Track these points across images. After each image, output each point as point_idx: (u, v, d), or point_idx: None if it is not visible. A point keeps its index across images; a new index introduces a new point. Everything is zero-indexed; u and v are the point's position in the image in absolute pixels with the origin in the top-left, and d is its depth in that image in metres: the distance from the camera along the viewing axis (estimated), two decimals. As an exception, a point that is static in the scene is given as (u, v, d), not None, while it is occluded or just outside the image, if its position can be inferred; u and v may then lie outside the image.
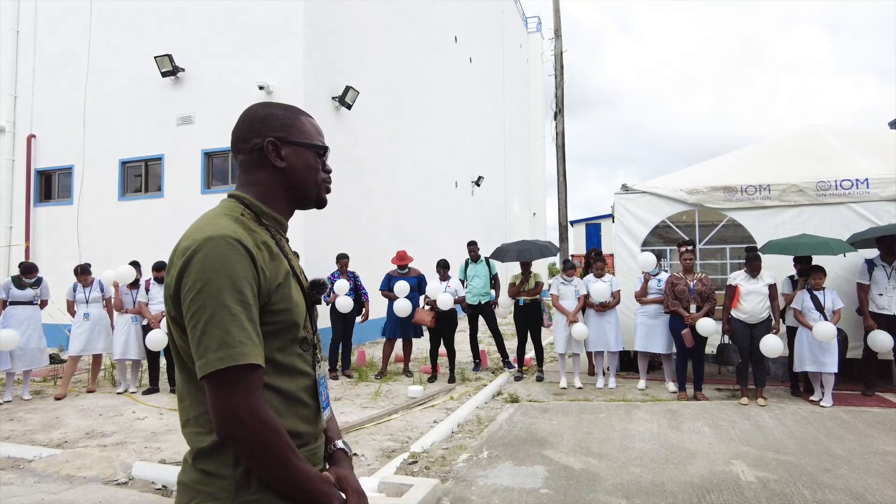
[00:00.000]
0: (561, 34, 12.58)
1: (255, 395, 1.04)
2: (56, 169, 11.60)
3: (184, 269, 1.07)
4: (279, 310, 1.14)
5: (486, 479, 4.00)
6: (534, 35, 31.08)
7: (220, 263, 1.05)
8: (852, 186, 6.82)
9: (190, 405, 1.14)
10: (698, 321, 6.16)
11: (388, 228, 12.38)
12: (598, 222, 33.37)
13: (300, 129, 1.27)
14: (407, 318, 7.61)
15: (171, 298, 1.10)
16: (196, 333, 1.04)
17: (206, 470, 1.10)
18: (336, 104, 10.56)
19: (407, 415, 5.84)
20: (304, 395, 1.20)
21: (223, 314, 1.03)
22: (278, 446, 1.05)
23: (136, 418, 5.82)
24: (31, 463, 4.43)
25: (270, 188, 1.25)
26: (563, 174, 12.44)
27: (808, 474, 4.01)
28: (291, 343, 1.18)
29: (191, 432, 1.13)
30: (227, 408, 1.02)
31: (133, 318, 6.99)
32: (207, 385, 1.03)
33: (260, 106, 1.29)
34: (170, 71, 10.18)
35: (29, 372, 6.89)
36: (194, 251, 1.06)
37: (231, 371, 1.02)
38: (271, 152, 1.23)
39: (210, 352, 1.02)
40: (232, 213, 1.17)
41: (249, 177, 1.26)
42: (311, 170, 1.28)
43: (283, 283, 1.16)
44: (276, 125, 1.25)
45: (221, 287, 1.04)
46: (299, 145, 1.26)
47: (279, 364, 1.15)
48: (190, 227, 1.14)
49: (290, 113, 1.28)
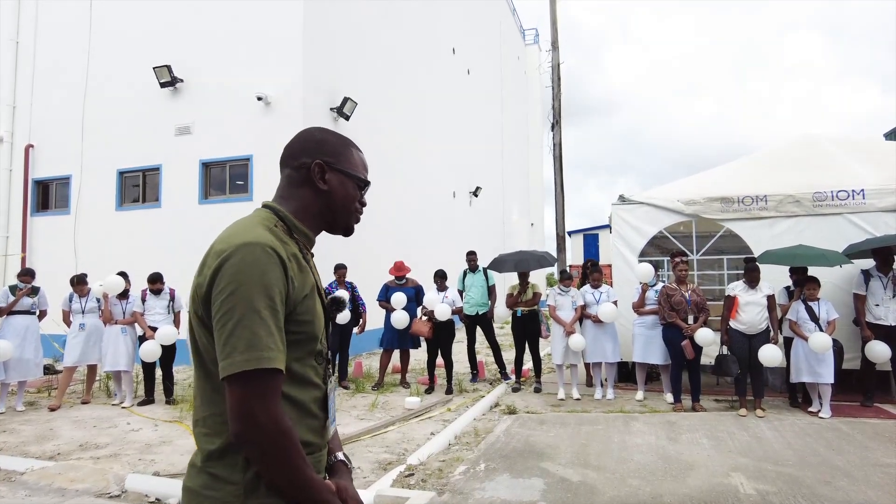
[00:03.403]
0: (558, 46, 12.66)
1: (275, 400, 1.07)
2: (54, 179, 11.60)
3: (218, 270, 1.10)
4: (303, 321, 1.18)
5: (483, 491, 3.97)
6: (531, 47, 31.31)
7: (255, 269, 1.09)
8: (848, 197, 6.84)
9: (201, 405, 1.17)
10: (697, 332, 6.15)
11: (385, 239, 12.37)
12: (596, 233, 33.44)
13: (349, 159, 1.34)
14: (404, 329, 7.58)
15: (200, 298, 1.14)
16: (224, 334, 1.06)
17: (216, 474, 1.12)
18: (334, 115, 10.59)
19: (404, 426, 5.80)
20: (315, 407, 1.23)
21: (253, 317, 1.06)
22: (291, 453, 1.07)
23: (131, 430, 5.77)
24: (22, 475, 4.38)
25: (307, 206, 1.31)
26: (560, 185, 12.47)
27: (808, 487, 3.98)
28: (308, 355, 1.21)
29: (200, 433, 1.16)
30: (247, 410, 1.04)
31: (122, 329, 6.94)
32: (228, 386, 1.05)
33: (317, 130, 1.37)
34: (168, 81, 10.22)
35: (24, 383, 6.84)
36: (230, 254, 1.10)
37: (255, 374, 1.04)
38: (317, 174, 1.29)
39: (237, 353, 1.04)
40: (266, 223, 1.21)
41: (290, 191, 1.31)
42: (349, 198, 1.34)
43: (309, 295, 1.20)
44: (327, 150, 1.32)
45: (254, 291, 1.07)
46: (344, 174, 1.32)
47: (294, 374, 1.17)
48: (225, 232, 1.18)
49: (343, 142, 1.36)
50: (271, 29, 9.94)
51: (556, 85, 12.37)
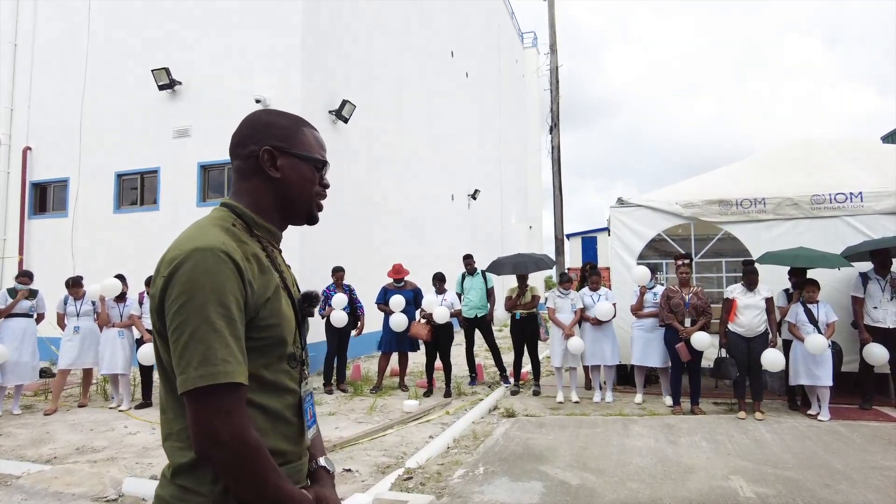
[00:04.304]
0: (556, 49, 12.68)
1: (236, 414, 1.00)
2: (51, 181, 11.56)
3: (168, 281, 1.04)
4: (267, 325, 1.11)
5: (482, 495, 3.95)
6: (529, 50, 31.40)
7: (206, 276, 1.02)
8: (846, 200, 6.85)
9: (173, 419, 1.11)
10: (693, 335, 6.14)
11: (383, 241, 12.36)
12: (594, 236, 33.48)
13: (301, 140, 1.23)
14: (403, 332, 7.57)
15: (155, 310, 1.08)
16: (178, 348, 1.00)
17: (185, 486, 1.07)
18: (333, 118, 10.58)
19: (402, 430, 5.78)
20: (289, 413, 1.17)
21: (206, 329, 0.99)
22: (258, 466, 1.02)
23: (128, 433, 5.75)
24: (18, 479, 4.35)
25: (262, 198, 1.21)
26: (558, 188, 12.47)
27: (808, 490, 3.97)
28: (278, 360, 1.15)
29: (172, 447, 1.10)
30: (207, 427, 0.99)
31: (119, 332, 6.91)
32: (187, 402, 1.00)
33: (263, 112, 1.26)
34: (167, 84, 10.21)
35: (21, 386, 6.80)
36: (180, 262, 1.03)
37: (211, 390, 0.98)
38: (266, 161, 1.19)
39: (191, 368, 0.98)
40: (223, 224, 1.14)
41: (243, 185, 1.22)
42: (305, 183, 1.23)
43: (273, 297, 1.13)
44: (276, 134, 1.21)
45: (206, 301, 1.00)
46: (297, 157, 1.22)
47: (265, 381, 1.11)
48: (179, 237, 1.11)
49: (293, 122, 1.25)
50: (270, 31, 9.93)
51: (555, 88, 12.39)
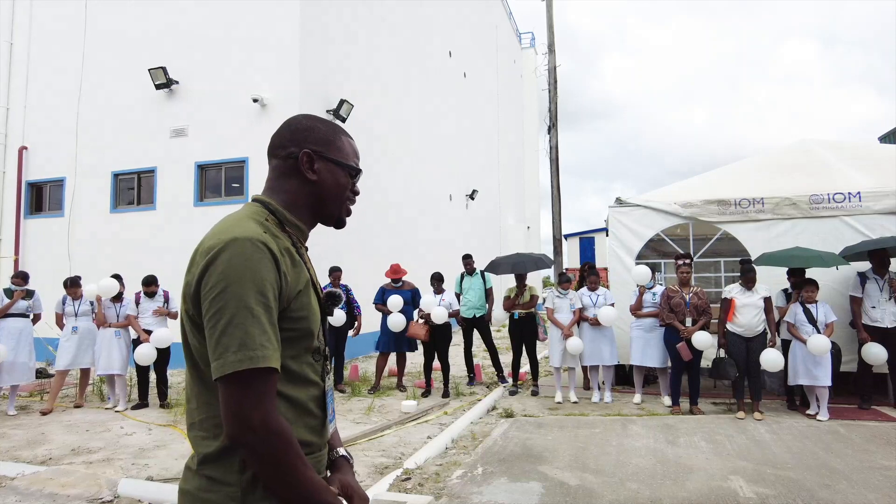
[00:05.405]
0: (554, 49, 12.66)
1: (269, 400, 1.03)
2: (48, 181, 11.52)
3: (207, 268, 1.06)
4: (298, 317, 1.14)
5: (480, 495, 3.93)
6: (527, 51, 31.39)
7: (246, 265, 1.05)
8: (845, 200, 6.85)
9: (197, 408, 1.13)
10: (694, 335, 6.14)
11: (381, 241, 12.34)
12: (592, 236, 33.46)
13: (338, 146, 1.29)
14: (401, 332, 7.55)
15: (190, 297, 1.10)
16: (215, 333, 1.03)
17: (212, 476, 1.09)
18: (330, 117, 10.56)
19: (400, 430, 5.76)
20: (313, 405, 1.20)
21: (245, 315, 1.02)
22: (288, 454, 1.04)
23: (124, 434, 5.71)
24: (13, 480, 4.32)
25: (297, 198, 1.26)
26: (556, 188, 12.46)
27: (807, 490, 3.96)
28: (305, 352, 1.18)
29: (196, 436, 1.12)
30: (241, 412, 1.01)
31: (116, 332, 6.87)
32: (222, 386, 1.02)
33: (304, 117, 1.30)
34: (164, 83, 10.18)
35: (16, 387, 6.77)
36: (219, 251, 1.06)
37: (249, 374, 1.00)
38: (305, 163, 1.25)
39: (229, 353, 1.01)
40: (257, 217, 1.17)
41: (279, 183, 1.27)
42: (339, 188, 1.29)
43: (304, 290, 1.17)
44: (315, 138, 1.27)
45: (245, 288, 1.03)
46: (334, 162, 1.28)
47: (291, 372, 1.14)
48: (215, 228, 1.14)
49: (332, 129, 1.30)
50: (267, 31, 9.91)
51: (553, 88, 12.37)
